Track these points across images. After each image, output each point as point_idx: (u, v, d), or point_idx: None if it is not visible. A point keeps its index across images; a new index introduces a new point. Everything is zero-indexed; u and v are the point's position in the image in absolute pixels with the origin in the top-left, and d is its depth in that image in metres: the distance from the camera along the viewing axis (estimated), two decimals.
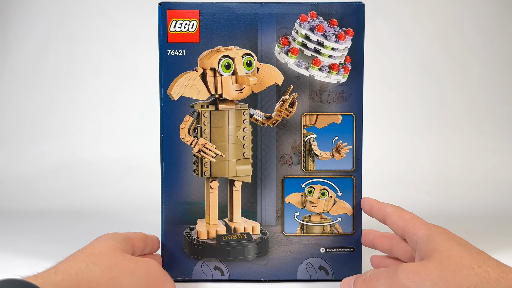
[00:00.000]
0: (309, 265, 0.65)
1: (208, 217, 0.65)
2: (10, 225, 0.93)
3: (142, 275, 0.53)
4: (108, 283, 0.49)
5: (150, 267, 0.54)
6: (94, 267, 0.49)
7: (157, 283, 0.54)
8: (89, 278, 0.48)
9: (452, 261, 0.49)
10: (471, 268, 0.48)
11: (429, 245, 0.52)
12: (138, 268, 0.53)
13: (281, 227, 0.65)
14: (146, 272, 0.53)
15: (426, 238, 0.54)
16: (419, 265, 0.51)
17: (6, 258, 0.74)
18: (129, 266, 0.52)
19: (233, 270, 0.65)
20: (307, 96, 0.64)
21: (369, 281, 0.54)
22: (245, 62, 0.63)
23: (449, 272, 0.48)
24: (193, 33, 0.63)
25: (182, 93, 0.63)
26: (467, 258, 0.49)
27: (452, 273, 0.48)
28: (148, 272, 0.54)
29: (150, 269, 0.54)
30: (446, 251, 0.50)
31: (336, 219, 0.66)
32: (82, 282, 0.47)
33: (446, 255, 0.50)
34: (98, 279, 0.48)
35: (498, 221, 0.94)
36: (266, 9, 0.63)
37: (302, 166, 0.65)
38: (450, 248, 0.51)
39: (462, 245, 0.52)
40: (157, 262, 0.57)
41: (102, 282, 0.48)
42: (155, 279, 0.54)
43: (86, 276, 0.48)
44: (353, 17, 0.63)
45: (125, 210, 1.03)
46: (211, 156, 0.64)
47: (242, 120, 0.64)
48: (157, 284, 0.54)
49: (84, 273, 0.48)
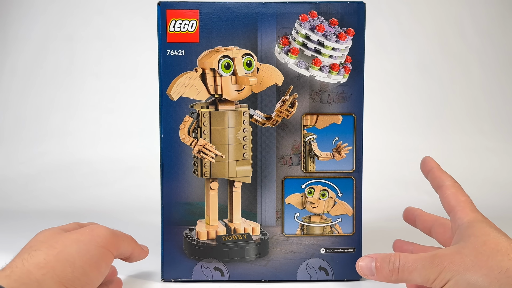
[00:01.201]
0: (309, 266, 0.65)
1: (208, 217, 0.65)
2: (9, 225, 0.93)
3: (87, 239, 0.52)
4: (56, 259, 0.48)
5: (92, 230, 0.53)
6: (36, 252, 0.49)
7: (107, 241, 0.53)
8: (36, 262, 0.48)
9: (488, 246, 0.49)
10: (506, 254, 0.48)
11: (468, 230, 0.52)
12: (80, 235, 0.52)
13: (281, 228, 0.65)
14: (90, 236, 0.52)
15: (467, 224, 0.53)
16: (454, 252, 0.50)
17: (6, 258, 0.74)
18: (70, 237, 0.52)
19: (233, 270, 0.65)
20: (307, 97, 0.64)
21: (401, 272, 0.52)
22: (245, 62, 0.63)
23: (482, 257, 0.48)
24: (192, 33, 0.62)
25: (181, 93, 0.63)
26: (503, 244, 0.49)
27: (485, 258, 0.48)
28: (92, 235, 0.53)
29: (93, 232, 0.53)
30: (483, 236, 0.50)
31: (336, 220, 0.66)
32: (31, 267, 0.47)
33: (482, 240, 0.50)
34: (45, 259, 0.48)
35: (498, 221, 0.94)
36: (266, 8, 0.62)
37: (302, 166, 0.65)
38: (487, 234, 0.50)
39: (500, 232, 0.51)
40: (99, 224, 0.56)
41: (50, 260, 0.48)
42: (103, 238, 0.53)
43: (32, 261, 0.48)
44: (354, 17, 0.63)
45: (124, 211, 1.03)
46: (211, 156, 0.63)
47: (242, 120, 0.64)
48: (108, 242, 0.53)
49: (29, 260, 0.48)
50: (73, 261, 0.49)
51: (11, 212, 1.03)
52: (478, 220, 0.53)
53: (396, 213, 0.72)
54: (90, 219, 0.97)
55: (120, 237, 0.56)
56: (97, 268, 0.52)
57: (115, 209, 1.04)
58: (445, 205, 0.58)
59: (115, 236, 0.55)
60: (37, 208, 1.05)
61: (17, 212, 1.02)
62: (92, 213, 1.01)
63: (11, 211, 1.03)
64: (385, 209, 0.99)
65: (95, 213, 1.01)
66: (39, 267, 0.47)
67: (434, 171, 0.61)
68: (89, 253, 0.51)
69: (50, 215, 1.00)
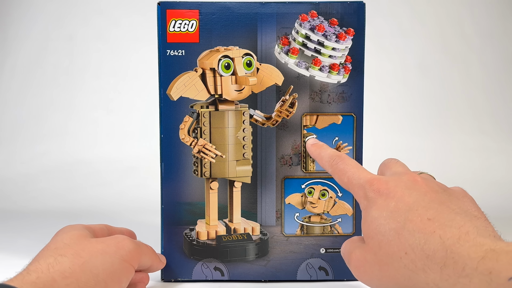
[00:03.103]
0: (309, 266, 0.65)
1: (208, 217, 0.65)
2: (9, 225, 0.93)
3: (112, 251, 0.52)
4: (81, 269, 0.48)
5: (118, 242, 0.53)
6: (62, 258, 0.49)
7: (131, 256, 0.53)
8: (61, 270, 0.47)
9: (384, 250, 0.44)
10: (399, 259, 0.43)
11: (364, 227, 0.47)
12: (106, 246, 0.52)
13: (281, 228, 0.65)
14: (116, 248, 0.52)
15: (364, 215, 0.47)
16: (362, 258, 0.46)
17: (6, 258, 0.74)
18: (96, 247, 0.51)
19: (233, 270, 0.65)
20: (307, 97, 0.64)
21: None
22: (245, 62, 0.63)
23: (383, 266, 0.44)
24: (192, 33, 0.62)
25: (181, 93, 0.62)
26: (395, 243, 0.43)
27: (386, 267, 0.44)
28: (118, 248, 0.53)
29: (119, 244, 0.53)
30: (377, 236, 0.45)
31: (336, 220, 0.66)
32: (56, 275, 0.47)
33: (377, 242, 0.45)
34: (70, 268, 0.48)
35: (498, 221, 0.94)
36: (266, 8, 0.62)
37: (302, 166, 0.65)
38: (382, 233, 0.44)
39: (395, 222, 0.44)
40: (126, 236, 0.56)
41: (75, 270, 0.48)
42: (128, 252, 0.53)
43: (58, 268, 0.47)
44: (354, 17, 0.63)
45: (124, 211, 1.03)
46: (211, 156, 0.63)
47: (242, 120, 0.64)
48: (132, 257, 0.53)
49: (55, 266, 0.48)
50: (97, 273, 0.49)
51: (10, 212, 1.02)
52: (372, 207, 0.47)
53: None
54: (90, 219, 0.97)
55: (143, 250, 0.56)
56: (118, 283, 0.52)
57: (115, 209, 1.04)
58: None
59: (139, 250, 0.55)
60: (36, 208, 1.05)
61: (17, 212, 1.02)
62: (92, 213, 1.01)
63: (10, 211, 1.03)
64: None
65: (95, 213, 1.01)
66: (64, 276, 0.47)
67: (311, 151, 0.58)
68: (113, 267, 0.51)
69: (50, 215, 1.00)
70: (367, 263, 0.46)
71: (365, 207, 0.48)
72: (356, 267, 0.48)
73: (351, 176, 0.51)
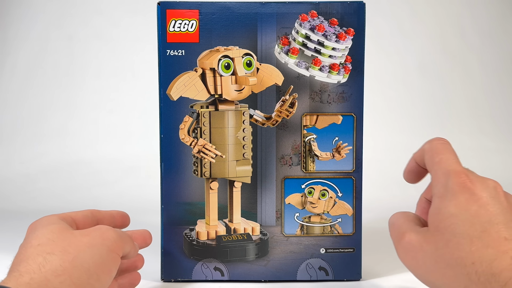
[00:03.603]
0: (309, 266, 0.65)
1: (208, 217, 0.65)
2: (9, 225, 0.93)
3: (99, 243, 0.52)
4: (72, 265, 0.48)
5: (103, 233, 0.53)
6: (51, 256, 0.48)
7: (117, 245, 0.53)
8: (53, 268, 0.47)
9: (449, 251, 0.44)
10: (464, 266, 0.43)
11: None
12: (92, 239, 0.52)
13: (281, 228, 0.65)
14: (102, 239, 0.52)
15: (437, 203, 0.47)
16: (417, 245, 0.46)
17: (6, 258, 0.74)
18: (83, 241, 0.51)
19: (233, 270, 0.65)
20: (307, 97, 0.64)
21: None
22: (245, 62, 0.63)
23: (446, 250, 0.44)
24: (192, 33, 0.62)
25: (181, 93, 0.62)
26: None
27: (443, 266, 0.44)
28: (103, 239, 0.52)
29: (103, 235, 0.53)
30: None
31: (336, 220, 0.66)
32: (48, 274, 0.46)
33: (445, 239, 0.44)
34: (61, 266, 0.48)
35: None
36: (266, 8, 0.62)
37: (302, 166, 0.65)
38: (455, 233, 0.44)
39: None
40: (107, 226, 0.55)
41: (66, 267, 0.48)
42: (113, 242, 0.53)
43: (49, 267, 0.47)
44: (354, 17, 0.63)
45: (124, 211, 1.03)
46: (211, 156, 0.63)
47: (242, 120, 0.64)
48: (118, 246, 0.53)
49: (45, 266, 0.47)
50: (88, 267, 0.49)
51: (10, 212, 1.02)
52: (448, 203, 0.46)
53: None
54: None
55: (124, 239, 0.56)
56: (109, 273, 0.52)
57: (115, 209, 1.04)
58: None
59: (121, 238, 0.55)
60: (36, 208, 1.05)
61: (17, 212, 1.02)
62: None
63: (10, 211, 1.03)
64: (385, 209, 0.99)
65: None
66: (57, 274, 0.47)
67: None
68: (101, 258, 0.51)
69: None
70: (422, 252, 0.46)
71: (441, 195, 0.46)
72: (407, 249, 0.47)
73: (445, 159, 0.49)
